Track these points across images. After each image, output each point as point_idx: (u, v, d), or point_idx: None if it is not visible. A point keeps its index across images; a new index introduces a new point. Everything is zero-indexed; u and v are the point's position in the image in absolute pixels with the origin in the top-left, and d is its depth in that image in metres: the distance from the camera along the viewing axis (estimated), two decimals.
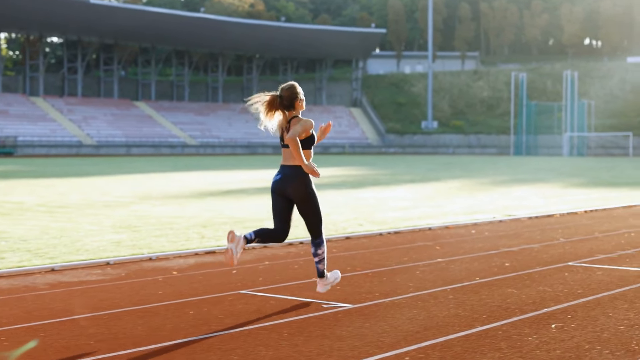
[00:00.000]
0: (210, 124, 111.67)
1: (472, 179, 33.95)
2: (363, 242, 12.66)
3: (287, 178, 7.56)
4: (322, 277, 7.88)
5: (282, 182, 7.59)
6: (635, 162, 61.91)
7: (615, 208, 19.50)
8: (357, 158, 75.27)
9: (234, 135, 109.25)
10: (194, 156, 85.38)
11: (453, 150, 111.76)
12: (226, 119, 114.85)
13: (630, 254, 11.20)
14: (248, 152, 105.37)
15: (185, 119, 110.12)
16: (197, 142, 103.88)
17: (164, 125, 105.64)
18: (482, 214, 17.42)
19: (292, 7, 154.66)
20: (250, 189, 25.80)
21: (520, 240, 12.84)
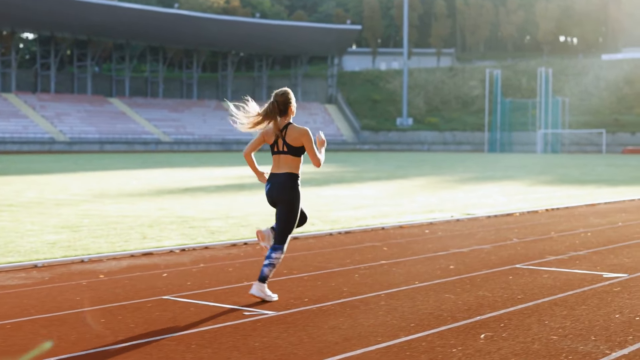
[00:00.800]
0: (185, 120, 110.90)
1: (439, 176, 33.58)
2: (310, 243, 12.23)
3: (277, 185, 7.68)
4: (263, 282, 7.68)
5: (272, 189, 7.72)
6: (607, 160, 61.77)
7: (578, 206, 19.16)
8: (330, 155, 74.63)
9: (209, 132, 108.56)
10: (168, 153, 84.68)
11: (428, 147, 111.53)
12: (201, 115, 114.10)
13: (582, 255, 10.82)
14: (222, 149, 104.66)
15: (160, 116, 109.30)
16: (171, 138, 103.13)
17: (138, 121, 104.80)
18: (441, 212, 17.04)
19: (268, 3, 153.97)
20: (211, 187, 25.31)
21: (473, 241, 12.44)
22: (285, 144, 7.68)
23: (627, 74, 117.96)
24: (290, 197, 7.67)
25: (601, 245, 11.93)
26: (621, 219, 16.16)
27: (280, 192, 7.66)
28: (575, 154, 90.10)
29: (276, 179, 7.71)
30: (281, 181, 7.67)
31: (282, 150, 7.69)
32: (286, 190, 7.65)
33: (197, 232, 13.20)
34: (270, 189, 7.74)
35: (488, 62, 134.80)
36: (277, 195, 7.69)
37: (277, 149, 7.73)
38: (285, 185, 7.65)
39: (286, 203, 7.68)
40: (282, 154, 7.69)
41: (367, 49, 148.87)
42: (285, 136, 7.64)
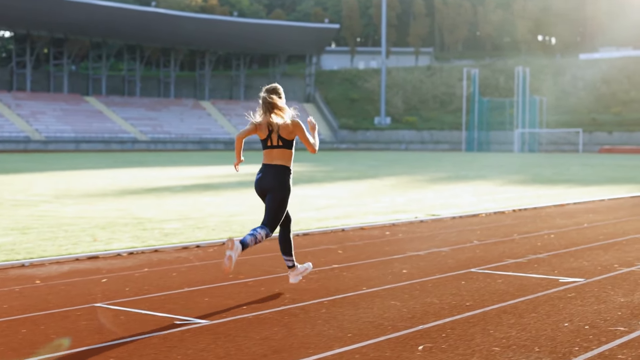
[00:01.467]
0: (162, 119, 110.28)
1: (411, 176, 33.27)
2: (264, 246, 11.83)
3: (267, 175, 7.81)
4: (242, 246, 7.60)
5: (262, 179, 7.85)
6: (583, 159, 61.75)
7: (546, 207, 18.88)
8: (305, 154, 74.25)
9: (186, 131, 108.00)
10: (144, 152, 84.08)
11: (406, 146, 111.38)
12: (178, 114, 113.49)
13: (542, 258, 10.50)
14: (200, 148, 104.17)
15: (137, 115, 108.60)
16: (148, 137, 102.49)
17: (115, 120, 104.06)
18: (406, 213, 16.71)
19: (246, 2, 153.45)
20: (178, 187, 24.88)
21: (432, 243, 12.11)
22: (279, 138, 7.83)
23: (604, 74, 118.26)
24: (281, 186, 7.79)
25: (563, 247, 11.63)
26: (588, 220, 15.88)
27: (272, 181, 7.79)
28: (552, 153, 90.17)
29: (269, 169, 7.84)
30: (274, 172, 7.81)
31: (276, 144, 7.83)
32: (278, 180, 7.79)
33: (150, 234, 12.81)
34: (261, 178, 7.87)
35: (466, 62, 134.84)
36: (268, 184, 7.80)
37: (270, 144, 7.86)
38: (278, 175, 7.80)
39: (277, 191, 7.79)
40: (276, 148, 7.82)
41: (345, 48, 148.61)
42: (280, 131, 7.78)
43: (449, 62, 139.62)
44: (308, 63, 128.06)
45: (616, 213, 17.40)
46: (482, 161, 54.18)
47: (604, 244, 12.07)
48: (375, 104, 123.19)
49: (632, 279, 8.90)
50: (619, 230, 14.01)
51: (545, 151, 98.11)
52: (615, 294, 7.96)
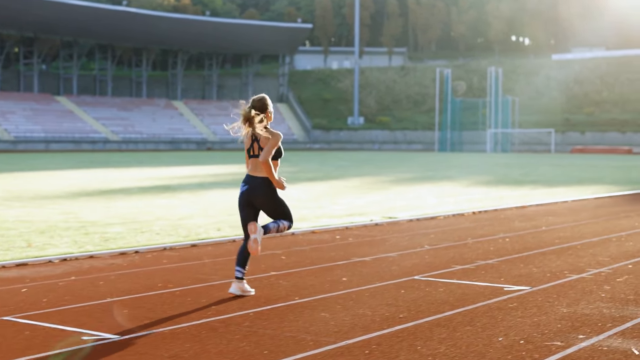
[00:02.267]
0: (134, 119, 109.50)
1: (377, 176, 32.83)
2: (207, 251, 11.37)
3: (254, 188, 7.91)
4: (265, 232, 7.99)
5: (249, 192, 7.93)
6: (554, 159, 61.62)
7: (507, 209, 18.51)
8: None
9: (158, 131, 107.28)
10: (115, 152, 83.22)
11: (379, 146, 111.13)
12: (150, 114, 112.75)
13: (490, 264, 10.08)
14: (172, 148, 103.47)
15: (108, 114, 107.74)
16: (120, 137, 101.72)
17: (86, 120, 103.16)
18: (363, 216, 16.27)
19: (219, 1, 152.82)
20: (135, 188, 24.31)
21: (382, 248, 11.67)
22: (260, 147, 7.90)
23: (577, 74, 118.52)
24: (268, 199, 7.95)
25: (515, 252, 11.22)
26: (547, 222, 15.51)
27: (258, 194, 7.91)
28: (524, 153, 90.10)
29: (253, 181, 7.93)
30: (258, 184, 7.90)
31: (257, 153, 7.92)
32: (263, 192, 7.91)
33: (90, 239, 12.29)
34: (247, 190, 7.95)
35: (440, 62, 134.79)
36: (255, 197, 7.93)
37: (252, 153, 7.97)
38: (262, 188, 7.91)
39: (269, 202, 7.97)
40: (257, 157, 7.92)
41: (319, 47, 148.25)
42: (260, 140, 7.88)
43: (422, 62, 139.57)
44: (281, 63, 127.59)
45: (577, 215, 17.05)
46: (452, 161, 53.89)
47: (558, 248, 11.69)
48: (349, 104, 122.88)
49: (579, 286, 8.50)
50: (577, 233, 13.65)
51: (517, 151, 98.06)
52: (559, 304, 7.55)
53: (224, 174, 34.04)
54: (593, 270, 9.62)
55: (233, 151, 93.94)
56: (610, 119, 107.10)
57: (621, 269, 9.70)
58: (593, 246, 11.92)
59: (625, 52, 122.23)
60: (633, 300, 7.77)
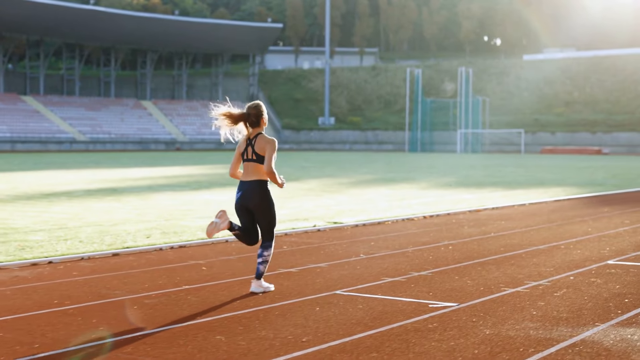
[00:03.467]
0: (102, 119, 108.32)
1: (335, 178, 32.09)
2: (128, 261, 10.61)
3: (248, 193, 8.17)
4: (259, 279, 8.31)
5: (244, 198, 8.20)
6: (522, 160, 61.21)
7: (461, 213, 17.86)
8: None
9: (126, 131, 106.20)
10: (81, 152, 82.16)
11: (350, 146, 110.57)
12: (118, 114, 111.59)
13: (424, 276, 9.39)
14: (140, 149, 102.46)
15: (75, 114, 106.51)
16: (87, 137, 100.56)
17: (53, 120, 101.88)
18: (308, 221, 15.56)
19: (190, 1, 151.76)
20: (80, 191, 23.42)
21: (314, 257, 10.95)
22: (253, 152, 8.15)
23: (547, 75, 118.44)
24: (263, 201, 8.18)
25: (455, 262, 10.55)
26: (497, 228, 14.87)
27: (253, 199, 8.16)
28: (494, 154, 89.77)
29: (246, 186, 8.19)
30: (251, 188, 8.15)
31: (250, 158, 8.18)
32: (258, 197, 8.16)
33: (5, 248, 11.48)
34: (242, 196, 8.21)
35: (411, 62, 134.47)
36: (250, 202, 8.18)
37: (246, 157, 8.22)
38: (256, 192, 8.15)
39: (261, 207, 8.20)
40: (251, 162, 8.17)
41: (290, 47, 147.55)
42: (255, 145, 8.13)
43: (393, 62, 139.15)
44: (251, 63, 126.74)
45: (531, 219, 16.42)
46: (418, 162, 53.32)
47: (501, 257, 11.02)
48: (320, 104, 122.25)
49: (511, 302, 7.83)
50: (525, 240, 13.00)
51: (488, 152, 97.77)
52: (484, 324, 6.86)
53: (179, 176, 33.21)
54: (531, 282, 8.96)
55: (202, 151, 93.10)
56: (580, 119, 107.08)
57: (561, 281, 9.05)
58: (538, 255, 11.27)
59: (595, 52, 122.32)
60: (565, 319, 7.10)
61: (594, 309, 7.55)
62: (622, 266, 10.23)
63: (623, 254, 11.35)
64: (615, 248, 12.03)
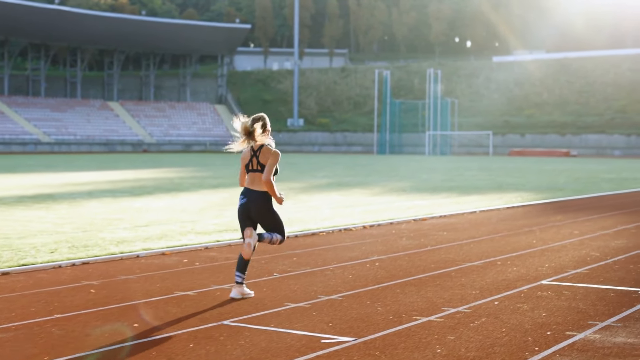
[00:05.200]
0: (67, 120, 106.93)
1: (289, 182, 30.96)
2: (13, 282, 9.54)
3: (252, 201, 8.45)
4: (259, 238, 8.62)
5: (247, 204, 8.47)
6: (487, 162, 60.50)
7: (404, 222, 16.91)
8: (209, 157, 71.91)
9: (92, 132, 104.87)
10: (45, 154, 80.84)
11: (319, 148, 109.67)
12: (85, 115, 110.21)
13: (331, 301, 8.42)
14: (106, 150, 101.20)
15: (41, 115, 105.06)
16: (52, 139, 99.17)
17: (17, 121, 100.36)
18: (237, 232, 14.53)
19: (158, 1, 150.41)
20: (14, 197, 22.21)
21: (222, 277, 9.93)
22: (258, 162, 8.46)
23: (517, 76, 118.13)
24: (265, 211, 8.51)
25: (373, 283, 9.58)
26: (437, 240, 13.94)
27: (257, 207, 8.46)
28: (462, 156, 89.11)
29: (251, 195, 8.47)
30: (256, 197, 8.45)
31: (255, 168, 8.49)
32: (261, 205, 8.47)
33: None
34: (246, 203, 8.47)
35: (381, 63, 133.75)
36: (253, 210, 8.46)
37: (251, 167, 8.52)
38: (260, 201, 8.46)
39: (265, 214, 8.53)
40: (256, 172, 8.47)
41: (259, 48, 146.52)
42: (259, 156, 8.44)
43: (363, 63, 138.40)
44: (220, 64, 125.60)
45: (475, 230, 15.51)
46: (381, 165, 52.43)
47: (427, 276, 10.07)
48: (289, 106, 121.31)
49: (418, 336, 6.88)
50: (461, 255, 12.07)
51: (456, 154, 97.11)
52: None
53: (127, 181, 32.03)
54: (449, 309, 8.01)
55: (169, 153, 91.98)
56: (550, 121, 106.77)
57: (483, 308, 8.11)
58: (470, 273, 10.33)
59: (565, 54, 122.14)
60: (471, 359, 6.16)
61: (509, 345, 6.61)
62: (555, 287, 9.32)
63: (561, 272, 10.44)
64: (555, 264, 11.12)
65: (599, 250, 12.61)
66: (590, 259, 11.64)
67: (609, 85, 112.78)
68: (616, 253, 12.32)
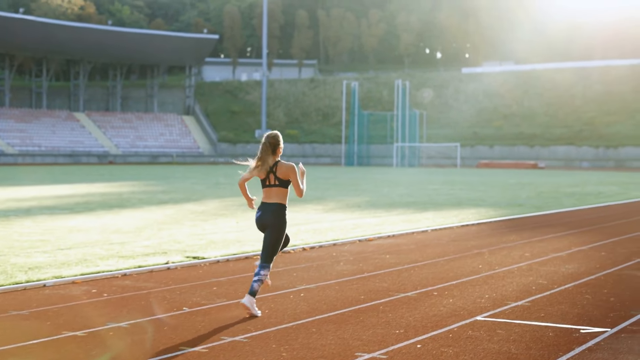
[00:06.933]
0: (32, 131, 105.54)
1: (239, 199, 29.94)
2: None
3: (267, 212, 8.83)
4: (253, 296, 8.68)
5: (263, 216, 8.87)
6: (452, 175, 59.80)
7: (348, 243, 15.98)
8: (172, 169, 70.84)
9: (58, 144, 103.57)
10: (8, 166, 79.32)
11: (287, 159, 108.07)
12: (50, 126, 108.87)
13: (236, 343, 7.44)
14: (71, 162, 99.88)
15: (5, 126, 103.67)
16: (16, 150, 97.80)
17: None
18: (165, 255, 13.55)
19: (127, 10, 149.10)
20: None
21: (124, 313, 8.95)
22: (276, 178, 8.88)
23: (486, 88, 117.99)
24: (279, 222, 8.82)
25: (293, 318, 8.61)
26: (375, 265, 13.01)
27: (271, 217, 8.80)
28: (430, 167, 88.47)
29: (268, 207, 8.86)
30: (273, 209, 8.82)
31: (273, 183, 8.90)
32: (276, 217, 8.81)
33: None
34: (261, 215, 8.88)
35: (350, 74, 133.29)
36: (268, 220, 8.82)
37: (268, 183, 8.93)
38: (276, 213, 8.81)
39: (275, 227, 8.80)
40: (274, 187, 8.89)
41: (228, 59, 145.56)
42: (276, 172, 8.88)
43: (332, 74, 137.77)
44: (188, 74, 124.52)
45: (421, 252, 14.60)
46: (344, 178, 51.56)
47: (353, 310, 9.11)
48: (257, 117, 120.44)
49: None
50: (398, 283, 11.13)
51: (425, 165, 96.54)
52: None
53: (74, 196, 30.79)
54: (363, 355, 7.05)
55: (135, 165, 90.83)
56: (518, 132, 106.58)
57: (403, 352, 7.16)
58: (400, 306, 9.38)
59: (533, 66, 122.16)
60: None
61: None
62: (490, 325, 8.40)
63: (500, 304, 9.53)
64: (496, 295, 10.21)
65: (547, 277, 11.73)
66: (535, 288, 10.75)
67: (578, 97, 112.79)
68: (564, 280, 11.45)
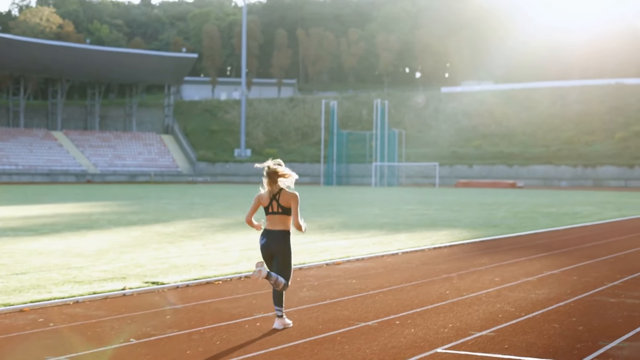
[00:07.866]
0: (9, 150, 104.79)
1: (213, 219, 29.35)
2: None
3: (272, 240, 9.12)
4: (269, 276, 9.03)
5: (268, 244, 9.15)
6: (430, 195, 59.48)
7: (315, 266, 15.57)
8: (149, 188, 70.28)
9: (35, 163, 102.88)
10: None
11: None
12: (27, 145, 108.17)
13: None
14: (49, 181, 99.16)
15: None
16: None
17: None
18: (123, 281, 13.09)
19: (105, 29, 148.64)
20: None
21: (66, 345, 8.48)
22: (279, 205, 9.04)
23: (465, 107, 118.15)
24: (285, 248, 9.11)
25: (243, 352, 8.19)
26: (339, 291, 12.60)
27: (277, 245, 9.07)
28: (409, 187, 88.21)
29: (272, 234, 9.07)
30: (277, 236, 9.07)
31: (276, 211, 9.04)
32: (282, 243, 9.09)
33: None
34: (267, 242, 9.11)
35: (330, 93, 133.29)
36: (274, 247, 9.09)
37: (271, 210, 9.07)
38: (280, 240, 9.08)
39: (282, 253, 9.10)
40: (277, 214, 9.06)
41: (207, 78, 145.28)
42: (279, 199, 9.02)
43: (312, 93, 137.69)
44: (166, 93, 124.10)
45: (388, 277, 14.19)
46: (321, 197, 51.16)
47: (307, 342, 8.68)
48: (236, 136, 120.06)
49: None
50: (360, 310, 10.69)
51: (403, 185, 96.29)
52: None
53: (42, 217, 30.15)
54: None
55: (113, 184, 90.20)
56: (497, 152, 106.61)
57: None
58: (358, 337, 8.95)
59: (512, 85, 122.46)
60: None
61: None
62: (450, 358, 8.00)
63: (464, 335, 9.12)
64: (460, 324, 9.80)
65: (515, 304, 11.33)
66: (502, 316, 10.35)
67: (556, 116, 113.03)
68: (533, 307, 11.05)
